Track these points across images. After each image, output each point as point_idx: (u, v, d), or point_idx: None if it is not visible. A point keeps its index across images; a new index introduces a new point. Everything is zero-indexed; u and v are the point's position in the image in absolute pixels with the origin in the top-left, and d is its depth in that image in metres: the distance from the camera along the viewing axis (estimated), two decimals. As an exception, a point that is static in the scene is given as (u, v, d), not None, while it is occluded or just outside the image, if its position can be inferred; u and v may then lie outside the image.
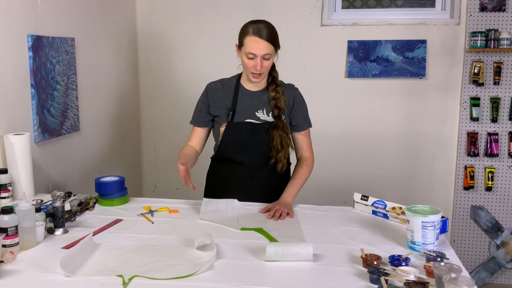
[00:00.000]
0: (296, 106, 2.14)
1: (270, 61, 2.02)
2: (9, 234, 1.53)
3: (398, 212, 1.87)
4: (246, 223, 1.86)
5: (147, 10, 3.59)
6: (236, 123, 2.08)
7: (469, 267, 3.44)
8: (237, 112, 2.08)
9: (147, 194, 3.76)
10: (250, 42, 1.98)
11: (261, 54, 1.97)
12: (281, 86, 2.12)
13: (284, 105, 2.08)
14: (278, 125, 2.07)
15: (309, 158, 2.17)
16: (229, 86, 2.13)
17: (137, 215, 1.96)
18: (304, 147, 2.17)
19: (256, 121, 2.09)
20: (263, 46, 1.97)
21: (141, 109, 3.72)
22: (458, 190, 3.43)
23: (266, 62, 2.00)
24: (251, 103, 2.10)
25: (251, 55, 1.98)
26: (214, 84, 2.16)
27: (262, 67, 1.99)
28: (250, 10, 3.46)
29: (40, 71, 2.34)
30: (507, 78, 3.27)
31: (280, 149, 2.07)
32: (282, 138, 2.06)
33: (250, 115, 2.09)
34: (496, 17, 3.22)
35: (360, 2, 3.52)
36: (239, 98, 2.10)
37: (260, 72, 2.01)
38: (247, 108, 2.09)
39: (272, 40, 2.00)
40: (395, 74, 3.39)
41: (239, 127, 2.08)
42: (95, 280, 1.38)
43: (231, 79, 2.18)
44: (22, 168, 2.07)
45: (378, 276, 1.35)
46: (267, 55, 1.98)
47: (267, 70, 2.05)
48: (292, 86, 2.18)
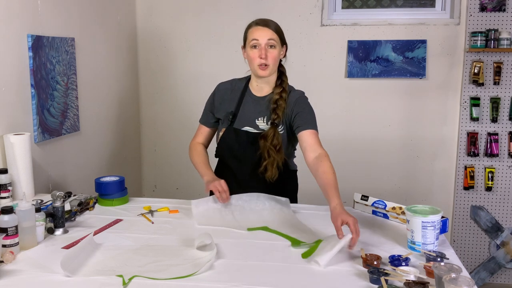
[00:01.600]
0: (296, 109, 2.00)
1: (276, 52, 1.97)
2: (9, 234, 1.53)
3: (398, 212, 1.87)
4: (248, 223, 1.86)
5: (147, 10, 3.59)
6: (234, 130, 2.05)
7: (469, 267, 3.44)
8: (238, 117, 2.06)
9: (147, 194, 3.76)
10: (253, 31, 1.98)
11: (264, 40, 1.94)
12: (287, 92, 2.03)
13: (282, 112, 1.99)
14: (266, 134, 1.98)
15: (325, 153, 1.88)
16: (238, 88, 2.10)
17: (137, 215, 1.96)
18: (313, 144, 1.90)
19: (254, 130, 2.04)
20: (266, 32, 1.95)
21: (141, 109, 3.72)
22: (458, 190, 3.43)
23: (270, 51, 1.95)
24: (254, 109, 2.06)
25: (255, 41, 1.95)
26: (223, 85, 2.13)
27: (268, 55, 1.94)
28: (250, 10, 3.46)
29: (40, 71, 2.34)
30: (507, 78, 3.27)
31: (266, 158, 1.99)
32: (269, 149, 1.98)
33: (249, 123, 2.05)
34: (496, 17, 3.22)
35: (360, 2, 3.52)
36: (243, 103, 2.07)
37: (267, 63, 1.95)
38: (249, 114, 2.06)
39: (276, 29, 1.98)
40: (395, 74, 3.39)
41: (236, 134, 2.05)
42: (95, 280, 1.38)
43: (242, 80, 2.13)
44: (22, 168, 2.07)
45: (378, 276, 1.35)
46: (272, 41, 1.95)
47: (274, 63, 1.98)
48: (297, 92, 2.09)
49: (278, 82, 2.05)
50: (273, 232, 1.78)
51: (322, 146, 1.91)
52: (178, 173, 3.71)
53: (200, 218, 1.89)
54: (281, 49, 2.01)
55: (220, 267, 1.48)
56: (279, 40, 1.99)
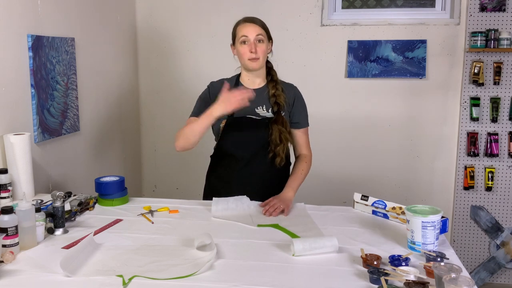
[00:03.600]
0: (296, 104, 2.18)
1: (264, 46, 2.08)
2: (9, 234, 1.53)
3: (398, 212, 1.87)
4: (260, 220, 1.89)
5: (147, 10, 3.59)
6: (236, 118, 2.10)
7: (469, 267, 3.44)
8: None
9: (147, 194, 3.76)
10: (241, 28, 2.09)
11: (253, 35, 2.05)
12: (280, 84, 2.16)
13: (284, 101, 2.12)
14: (277, 119, 2.10)
15: (308, 156, 2.22)
16: (230, 84, 2.12)
17: (137, 215, 1.96)
18: (303, 145, 2.21)
19: (256, 117, 2.11)
20: (254, 28, 2.07)
21: (141, 109, 3.72)
22: (458, 190, 3.43)
23: (260, 45, 2.07)
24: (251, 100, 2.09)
25: (244, 37, 2.06)
26: (215, 83, 2.18)
27: (257, 49, 2.05)
28: (250, 10, 3.45)
29: (40, 71, 2.34)
30: (507, 78, 3.27)
31: (278, 143, 2.09)
32: (281, 132, 2.09)
33: (250, 112, 2.10)
34: (496, 17, 3.22)
35: (360, 2, 3.52)
36: None
37: (257, 57, 2.06)
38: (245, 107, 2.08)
39: (263, 25, 2.10)
40: (395, 74, 3.39)
41: (239, 122, 2.11)
42: (95, 280, 1.38)
43: (231, 78, 2.20)
44: (22, 168, 2.07)
45: (378, 276, 1.35)
46: (260, 36, 2.06)
47: (264, 57, 2.09)
48: (292, 85, 2.23)
49: (269, 78, 2.16)
50: (283, 230, 1.79)
51: (308, 144, 2.23)
52: (178, 173, 3.71)
53: (216, 213, 1.95)
54: (268, 44, 2.12)
55: (220, 267, 1.48)
56: (266, 35, 2.11)
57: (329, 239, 1.59)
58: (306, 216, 1.95)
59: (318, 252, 1.55)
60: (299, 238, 1.63)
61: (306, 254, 1.55)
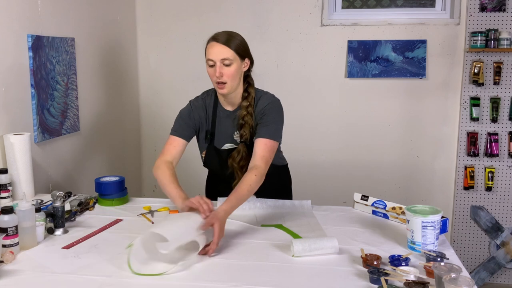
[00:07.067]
0: (260, 117, 1.96)
1: (232, 69, 1.88)
2: (9, 234, 1.53)
3: (398, 212, 1.87)
4: (265, 220, 1.89)
5: (147, 10, 3.59)
6: (215, 149, 2.06)
7: (469, 267, 3.44)
8: (216, 135, 2.06)
9: (147, 194, 3.76)
10: (208, 49, 1.93)
11: (218, 58, 1.87)
12: (252, 106, 1.98)
13: (249, 129, 1.97)
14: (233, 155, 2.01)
15: (260, 168, 1.85)
16: (209, 105, 2.07)
17: (137, 215, 1.96)
18: (256, 155, 1.88)
19: (233, 146, 2.05)
20: (219, 50, 1.87)
21: (141, 109, 3.72)
22: (458, 190, 3.43)
23: (226, 69, 1.87)
24: (229, 124, 2.04)
25: (210, 61, 1.89)
26: (196, 102, 2.08)
27: (222, 74, 1.87)
28: (250, 10, 3.46)
29: (40, 71, 2.34)
30: (507, 78, 3.27)
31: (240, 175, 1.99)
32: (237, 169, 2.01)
33: (228, 138, 2.05)
34: (496, 17, 3.22)
35: (360, 2, 3.52)
36: (217, 120, 2.05)
37: (222, 81, 1.88)
38: (226, 130, 2.05)
39: (231, 45, 1.88)
40: (395, 74, 3.39)
41: (218, 153, 2.07)
42: (95, 280, 1.39)
43: (210, 93, 2.09)
44: (22, 168, 2.07)
45: (378, 276, 1.35)
46: (226, 60, 1.87)
47: (232, 80, 1.90)
48: (268, 99, 2.00)
49: (245, 95, 1.98)
50: (286, 231, 1.79)
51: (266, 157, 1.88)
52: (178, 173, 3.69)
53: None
54: (241, 64, 1.93)
55: (220, 267, 1.48)
56: (237, 56, 1.89)
57: (329, 240, 1.59)
58: (311, 216, 1.94)
59: (318, 253, 1.55)
60: (299, 239, 1.63)
61: (306, 255, 1.55)
